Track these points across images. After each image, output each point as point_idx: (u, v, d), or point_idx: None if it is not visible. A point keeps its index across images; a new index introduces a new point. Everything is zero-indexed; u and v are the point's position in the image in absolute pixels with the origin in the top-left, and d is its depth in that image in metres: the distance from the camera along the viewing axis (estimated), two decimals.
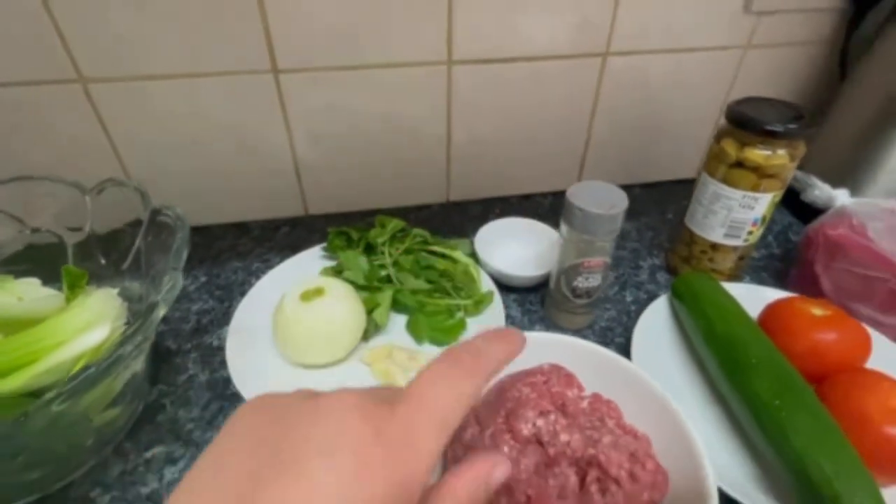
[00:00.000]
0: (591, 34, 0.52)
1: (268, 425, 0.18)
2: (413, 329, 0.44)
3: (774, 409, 0.33)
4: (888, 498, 0.29)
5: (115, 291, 0.38)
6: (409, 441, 0.18)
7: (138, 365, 0.35)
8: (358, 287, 0.45)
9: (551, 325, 0.46)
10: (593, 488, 0.27)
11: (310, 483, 0.16)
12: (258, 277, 0.49)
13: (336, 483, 0.16)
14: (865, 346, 0.37)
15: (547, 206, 0.62)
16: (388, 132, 0.55)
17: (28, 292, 0.37)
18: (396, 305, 0.45)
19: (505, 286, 0.49)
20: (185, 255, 0.34)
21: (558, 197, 0.38)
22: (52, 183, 0.40)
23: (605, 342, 0.45)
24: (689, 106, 0.60)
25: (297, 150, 0.55)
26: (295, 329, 0.39)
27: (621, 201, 0.38)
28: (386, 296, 0.43)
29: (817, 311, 0.38)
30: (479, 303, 0.45)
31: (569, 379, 0.31)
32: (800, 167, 0.57)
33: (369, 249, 0.49)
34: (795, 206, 0.59)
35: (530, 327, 0.46)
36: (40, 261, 0.41)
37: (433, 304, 0.45)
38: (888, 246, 0.41)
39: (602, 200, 0.38)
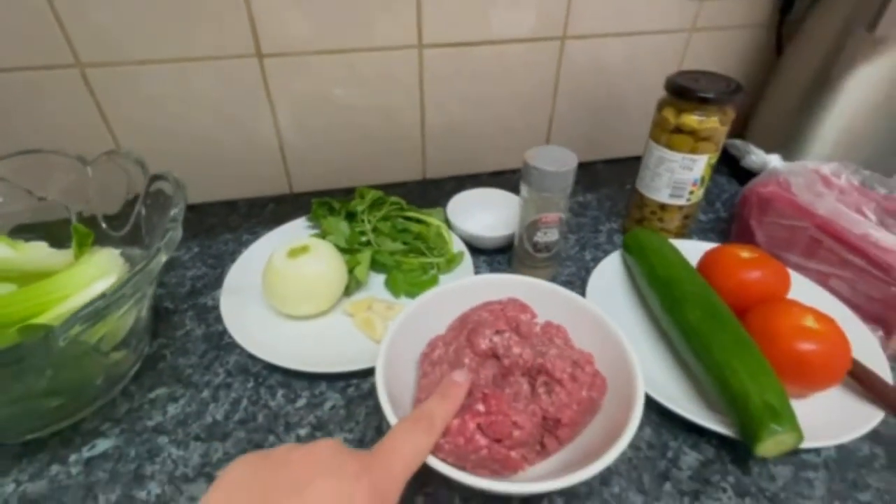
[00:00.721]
0: (550, 19, 0.58)
1: (265, 468, 0.23)
2: (391, 285, 0.48)
3: (703, 332, 0.38)
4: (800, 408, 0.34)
5: (118, 252, 0.42)
6: (388, 473, 0.25)
7: (142, 310, 0.38)
8: (340, 250, 0.49)
9: None
10: (541, 390, 0.32)
11: (315, 497, 0.22)
12: (247, 246, 0.53)
13: (336, 497, 0.22)
14: (785, 282, 0.42)
15: (515, 181, 0.66)
16: (366, 113, 0.60)
17: (37, 253, 0.41)
18: (375, 265, 0.49)
19: (475, 248, 0.53)
20: (183, 211, 0.38)
21: None
22: (57, 156, 0.44)
23: None
24: (642, 85, 0.65)
25: (282, 131, 0.59)
26: (283, 283, 0.43)
27: (571, 160, 0.43)
28: (365, 255, 0.48)
29: (745, 254, 0.44)
30: (451, 261, 0.50)
31: (523, 307, 0.36)
32: (742, 137, 0.63)
33: (350, 217, 0.53)
34: (741, 175, 0.65)
35: None
36: (46, 231, 0.44)
37: (409, 263, 0.49)
38: (807, 198, 0.47)
39: (555, 160, 0.43)
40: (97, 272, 0.40)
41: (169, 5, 0.48)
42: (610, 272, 0.50)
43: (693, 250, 0.48)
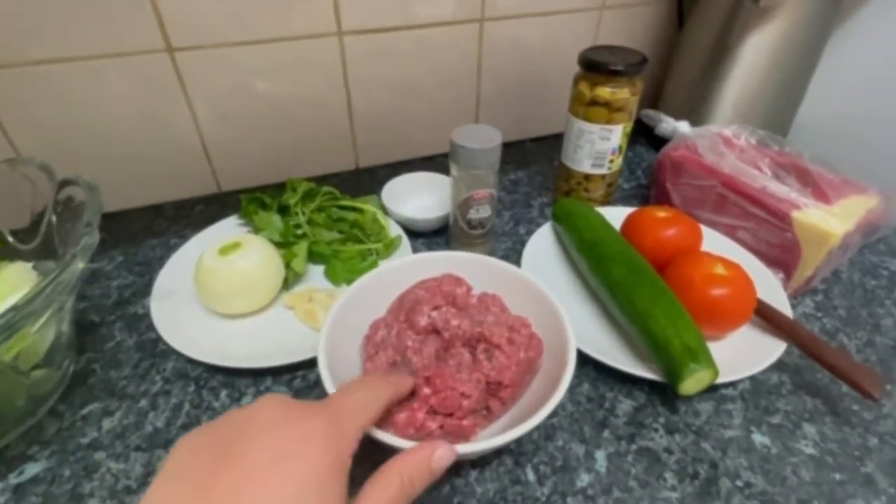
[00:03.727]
0: (466, 2, 0.59)
1: (213, 434, 0.22)
2: (330, 274, 0.48)
3: (626, 286, 0.41)
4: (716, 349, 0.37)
5: (30, 265, 0.40)
6: (339, 419, 0.23)
7: (63, 324, 0.36)
8: (275, 244, 0.48)
9: None
10: (482, 357, 0.33)
11: (261, 453, 0.20)
12: (176, 250, 0.51)
13: (284, 449, 0.20)
14: (697, 236, 0.46)
15: (448, 165, 0.68)
16: (290, 105, 0.59)
17: None
18: (313, 256, 0.49)
19: (414, 232, 0.54)
20: (98, 214, 0.36)
21: None
22: None
23: None
24: (562, 64, 0.68)
25: (203, 128, 0.57)
26: (216, 281, 0.42)
27: (496, 137, 0.44)
28: (302, 247, 0.47)
29: (661, 213, 0.47)
30: (389, 246, 0.50)
31: (458, 281, 0.37)
32: (654, 107, 0.67)
33: (283, 211, 0.52)
34: (657, 144, 0.69)
35: None
36: None
37: (347, 251, 0.49)
38: (712, 158, 0.51)
39: (481, 138, 0.44)
40: (7, 289, 0.37)
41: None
42: (542, 243, 0.52)
43: (618, 215, 0.51)
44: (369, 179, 0.65)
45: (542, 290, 0.37)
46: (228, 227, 0.53)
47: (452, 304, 0.35)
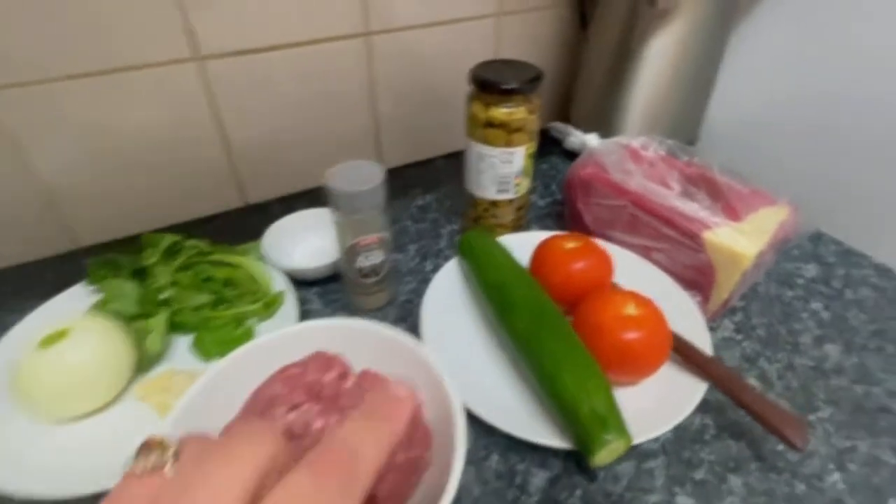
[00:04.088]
0: (345, 15, 0.52)
1: None
2: (199, 347, 0.41)
3: (533, 340, 0.36)
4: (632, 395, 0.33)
5: None
6: None
7: None
8: (130, 317, 0.40)
9: (354, 311, 0.46)
10: None
11: None
12: (9, 330, 0.42)
13: None
14: (608, 269, 0.42)
15: None
16: (150, 142, 0.50)
17: None
18: (179, 327, 0.42)
19: (303, 281, 0.48)
20: None
21: None
22: None
23: (405, 315, 0.46)
24: (464, 75, 0.63)
25: (45, 177, 0.48)
26: (36, 382, 0.34)
27: (376, 176, 0.39)
28: (158, 320, 0.40)
29: (569, 244, 0.43)
30: (270, 304, 0.43)
31: (328, 363, 0.31)
32: (565, 115, 0.63)
33: (142, 274, 0.44)
34: (573, 156, 0.65)
35: (332, 316, 0.46)
36: None
37: (219, 318, 0.42)
38: (619, 176, 0.47)
39: (359, 178, 0.38)
40: None
41: None
42: (449, 282, 0.46)
43: (530, 242, 0.46)
44: (259, 217, 0.57)
45: (430, 363, 0.31)
46: (78, 298, 0.45)
47: (317, 399, 0.29)
